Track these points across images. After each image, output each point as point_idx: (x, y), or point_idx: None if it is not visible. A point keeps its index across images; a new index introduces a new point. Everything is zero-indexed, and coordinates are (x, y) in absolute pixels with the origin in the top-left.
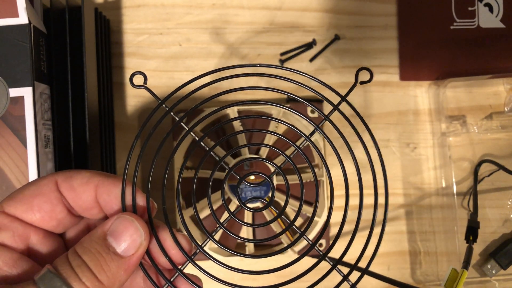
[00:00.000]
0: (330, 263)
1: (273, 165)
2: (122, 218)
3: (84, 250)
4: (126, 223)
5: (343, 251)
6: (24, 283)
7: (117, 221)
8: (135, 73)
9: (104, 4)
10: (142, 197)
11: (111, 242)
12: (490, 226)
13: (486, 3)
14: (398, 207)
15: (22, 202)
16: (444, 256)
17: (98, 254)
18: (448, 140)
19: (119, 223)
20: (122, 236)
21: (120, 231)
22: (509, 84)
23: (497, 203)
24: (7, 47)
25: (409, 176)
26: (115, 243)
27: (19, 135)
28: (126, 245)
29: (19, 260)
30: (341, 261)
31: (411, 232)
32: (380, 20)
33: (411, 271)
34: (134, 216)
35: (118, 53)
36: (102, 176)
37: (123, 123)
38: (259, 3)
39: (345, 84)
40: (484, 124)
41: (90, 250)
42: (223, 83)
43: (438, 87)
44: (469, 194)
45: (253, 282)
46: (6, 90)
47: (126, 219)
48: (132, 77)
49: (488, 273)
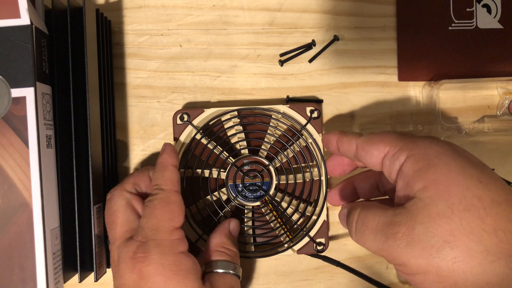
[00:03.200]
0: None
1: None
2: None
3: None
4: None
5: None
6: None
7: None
8: (181, 113)
9: (105, 5)
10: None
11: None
12: None
13: (484, 4)
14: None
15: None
16: None
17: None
18: None
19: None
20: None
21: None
22: (503, 88)
23: None
24: (9, 47)
25: None
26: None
27: (21, 135)
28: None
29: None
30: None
31: None
32: (379, 21)
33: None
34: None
35: (119, 53)
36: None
37: (124, 123)
38: (259, 4)
39: (344, 84)
40: (476, 127)
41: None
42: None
43: (431, 88)
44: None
45: (252, 281)
46: (8, 90)
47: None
48: (176, 116)
49: None
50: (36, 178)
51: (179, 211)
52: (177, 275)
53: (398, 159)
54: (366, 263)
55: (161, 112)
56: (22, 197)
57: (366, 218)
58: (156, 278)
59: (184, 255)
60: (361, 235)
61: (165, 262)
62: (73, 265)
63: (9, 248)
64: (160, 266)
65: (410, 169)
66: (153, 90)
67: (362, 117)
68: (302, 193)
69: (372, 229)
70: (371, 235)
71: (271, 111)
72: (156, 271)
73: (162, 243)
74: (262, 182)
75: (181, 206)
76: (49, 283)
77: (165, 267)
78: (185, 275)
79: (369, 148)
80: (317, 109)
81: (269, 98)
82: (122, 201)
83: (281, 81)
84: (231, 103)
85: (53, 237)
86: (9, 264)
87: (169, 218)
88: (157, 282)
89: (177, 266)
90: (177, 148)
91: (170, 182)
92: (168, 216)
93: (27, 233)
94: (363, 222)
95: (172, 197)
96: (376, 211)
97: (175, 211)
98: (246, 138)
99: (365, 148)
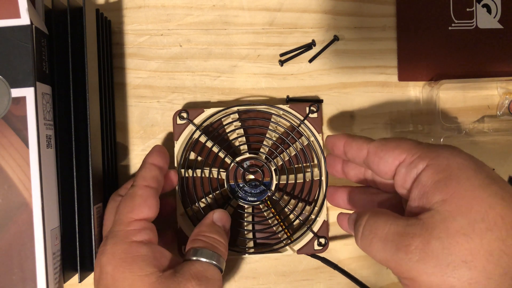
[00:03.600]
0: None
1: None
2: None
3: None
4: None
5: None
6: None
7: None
8: (181, 112)
9: (105, 5)
10: None
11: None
12: None
13: (484, 4)
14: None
15: None
16: None
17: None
18: (439, 142)
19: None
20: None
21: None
22: (503, 88)
23: None
24: (9, 48)
25: None
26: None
27: (21, 135)
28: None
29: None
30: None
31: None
32: (379, 21)
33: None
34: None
35: (119, 54)
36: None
37: (124, 123)
38: (259, 4)
39: (344, 84)
40: (476, 127)
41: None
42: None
43: (431, 88)
44: None
45: (252, 281)
46: (8, 90)
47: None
48: (176, 116)
49: None
50: (36, 178)
51: (142, 204)
52: (125, 261)
53: (416, 167)
54: (366, 263)
55: (161, 112)
56: (22, 197)
57: (375, 224)
58: (107, 267)
59: (136, 243)
60: (368, 242)
61: (116, 251)
62: (73, 265)
63: (9, 248)
64: (111, 255)
65: (429, 179)
66: (153, 90)
67: (362, 117)
68: (301, 192)
69: (381, 238)
70: (379, 244)
71: (271, 111)
72: (107, 260)
73: (117, 234)
74: (262, 178)
75: (145, 199)
76: (49, 283)
77: (115, 256)
78: (133, 261)
79: (383, 154)
80: (316, 105)
81: (269, 98)
82: (112, 203)
83: (281, 81)
84: (231, 103)
85: (53, 237)
86: (9, 264)
87: (128, 210)
88: (108, 271)
89: (126, 254)
90: (177, 148)
91: (141, 178)
92: (128, 209)
93: (27, 233)
94: (371, 229)
95: (138, 192)
96: (386, 218)
97: (137, 204)
98: (246, 138)
99: (378, 154)
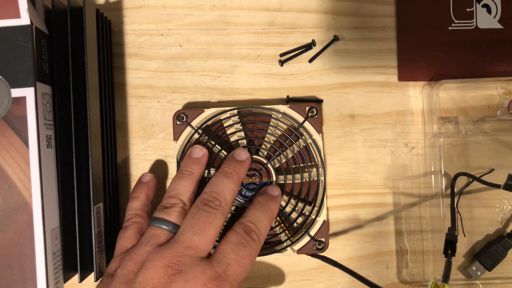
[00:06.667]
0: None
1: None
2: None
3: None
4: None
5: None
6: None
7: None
8: (180, 113)
9: (105, 5)
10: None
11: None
12: (477, 226)
13: (484, 4)
14: (388, 206)
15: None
16: (430, 255)
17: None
18: (439, 142)
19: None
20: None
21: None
22: (503, 88)
23: (486, 203)
24: (9, 48)
25: (405, 175)
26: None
27: (21, 135)
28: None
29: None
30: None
31: (398, 232)
32: (379, 21)
33: (397, 271)
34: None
35: (119, 54)
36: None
37: (124, 123)
38: (259, 5)
39: (344, 84)
40: (476, 126)
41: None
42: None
43: (431, 88)
44: (458, 194)
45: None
46: (8, 90)
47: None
48: (176, 116)
49: (473, 275)
50: (36, 178)
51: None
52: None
53: None
54: (366, 263)
55: (161, 112)
56: (22, 197)
57: None
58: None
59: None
60: None
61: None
62: (73, 265)
63: (9, 248)
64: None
65: None
66: (153, 90)
67: (362, 117)
68: (301, 193)
69: None
70: None
71: (271, 111)
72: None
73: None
74: (260, 181)
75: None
76: (49, 283)
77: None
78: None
79: None
80: (315, 107)
81: (269, 98)
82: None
83: (281, 81)
84: (231, 103)
85: (53, 237)
86: (9, 264)
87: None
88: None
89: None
90: (177, 149)
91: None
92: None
93: (27, 233)
94: None
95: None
96: None
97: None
98: (246, 138)
99: None
